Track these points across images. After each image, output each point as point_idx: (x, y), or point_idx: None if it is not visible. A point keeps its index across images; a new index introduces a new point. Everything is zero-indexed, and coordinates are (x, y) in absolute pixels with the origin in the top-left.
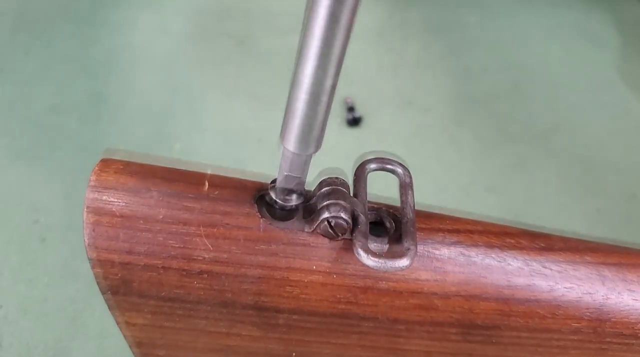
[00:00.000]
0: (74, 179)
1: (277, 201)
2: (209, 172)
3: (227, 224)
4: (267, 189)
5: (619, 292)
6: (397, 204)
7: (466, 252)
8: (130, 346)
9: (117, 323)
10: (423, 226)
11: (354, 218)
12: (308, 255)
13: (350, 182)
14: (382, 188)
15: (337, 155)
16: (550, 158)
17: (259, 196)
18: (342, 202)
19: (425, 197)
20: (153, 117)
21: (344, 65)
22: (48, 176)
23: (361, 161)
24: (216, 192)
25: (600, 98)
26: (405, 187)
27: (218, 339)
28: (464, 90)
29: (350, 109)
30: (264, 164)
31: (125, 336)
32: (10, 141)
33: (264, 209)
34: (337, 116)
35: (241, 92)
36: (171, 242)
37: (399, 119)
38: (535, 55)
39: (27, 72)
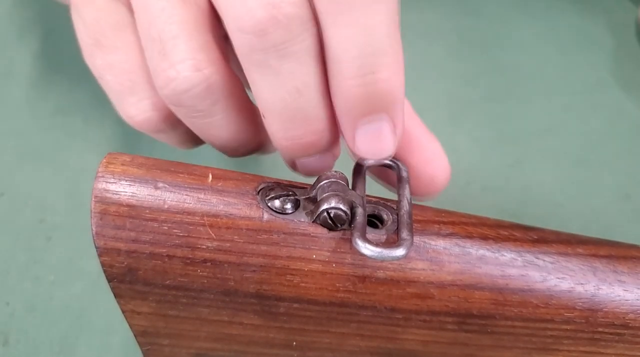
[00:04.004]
0: (79, 179)
1: (279, 192)
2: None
3: (231, 214)
4: (270, 182)
5: (609, 283)
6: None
7: (461, 243)
8: (135, 336)
9: (123, 312)
10: (419, 218)
11: (352, 210)
12: (308, 244)
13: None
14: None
15: (339, 156)
16: (545, 159)
17: (261, 188)
18: (341, 194)
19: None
20: None
21: None
22: (54, 176)
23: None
24: (219, 184)
25: (595, 99)
26: (402, 181)
27: (220, 327)
28: (461, 92)
29: None
30: (265, 165)
31: (130, 325)
32: (17, 142)
33: (266, 200)
34: None
35: None
36: (176, 231)
37: None
38: (531, 57)
39: (34, 75)
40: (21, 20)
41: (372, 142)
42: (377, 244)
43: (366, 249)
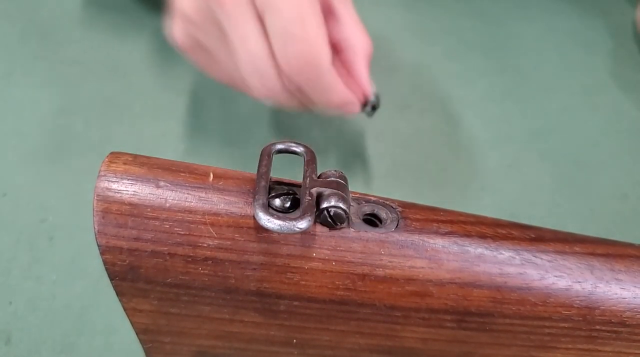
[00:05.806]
0: (81, 178)
1: (279, 191)
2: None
3: (232, 212)
4: (270, 181)
5: (607, 282)
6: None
7: (459, 242)
8: (137, 333)
9: (125, 309)
10: (418, 216)
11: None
12: (308, 243)
13: (352, 180)
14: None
15: (339, 156)
16: (544, 159)
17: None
18: (341, 193)
19: (423, 197)
20: (157, 119)
21: None
22: (56, 176)
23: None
24: (220, 183)
25: (593, 100)
26: (307, 162)
27: (221, 325)
28: (459, 93)
29: None
30: None
31: (132, 323)
32: (19, 142)
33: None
34: (337, 118)
35: (243, 95)
36: (177, 229)
37: (397, 121)
38: (529, 59)
39: (36, 76)
40: (22, 20)
41: None
42: (279, 218)
43: (269, 222)
